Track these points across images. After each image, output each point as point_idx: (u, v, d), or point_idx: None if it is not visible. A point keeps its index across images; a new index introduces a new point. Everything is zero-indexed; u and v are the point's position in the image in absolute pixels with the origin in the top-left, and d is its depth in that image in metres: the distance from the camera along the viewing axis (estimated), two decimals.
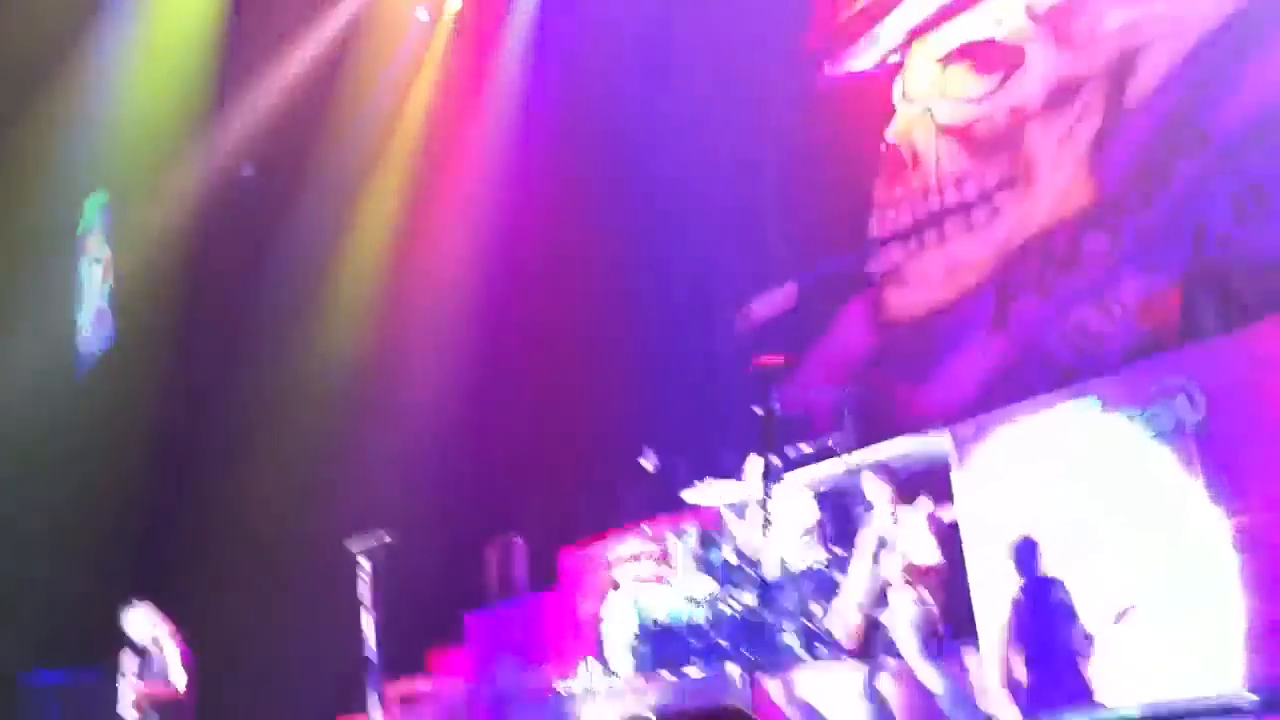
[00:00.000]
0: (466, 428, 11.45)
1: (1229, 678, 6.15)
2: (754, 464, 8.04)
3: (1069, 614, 6.88)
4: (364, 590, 8.46)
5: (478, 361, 11.55)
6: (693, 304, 10.51)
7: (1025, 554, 7.11)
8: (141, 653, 9.03)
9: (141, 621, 9.06)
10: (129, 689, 8.86)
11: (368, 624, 8.35)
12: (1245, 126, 7.98)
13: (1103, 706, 6.70)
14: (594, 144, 11.66)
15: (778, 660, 7.66)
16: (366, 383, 12.07)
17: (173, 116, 13.23)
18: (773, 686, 7.40)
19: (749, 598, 7.74)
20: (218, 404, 12.66)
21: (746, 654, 7.42)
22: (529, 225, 11.69)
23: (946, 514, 7.42)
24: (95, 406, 13.18)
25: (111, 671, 9.02)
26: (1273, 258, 7.62)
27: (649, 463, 8.61)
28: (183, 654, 8.99)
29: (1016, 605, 7.15)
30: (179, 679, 8.90)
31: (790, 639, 7.77)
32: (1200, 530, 6.32)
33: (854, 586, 7.17)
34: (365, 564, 8.44)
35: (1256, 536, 6.11)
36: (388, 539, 8.48)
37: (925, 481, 7.49)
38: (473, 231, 12.05)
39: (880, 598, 6.98)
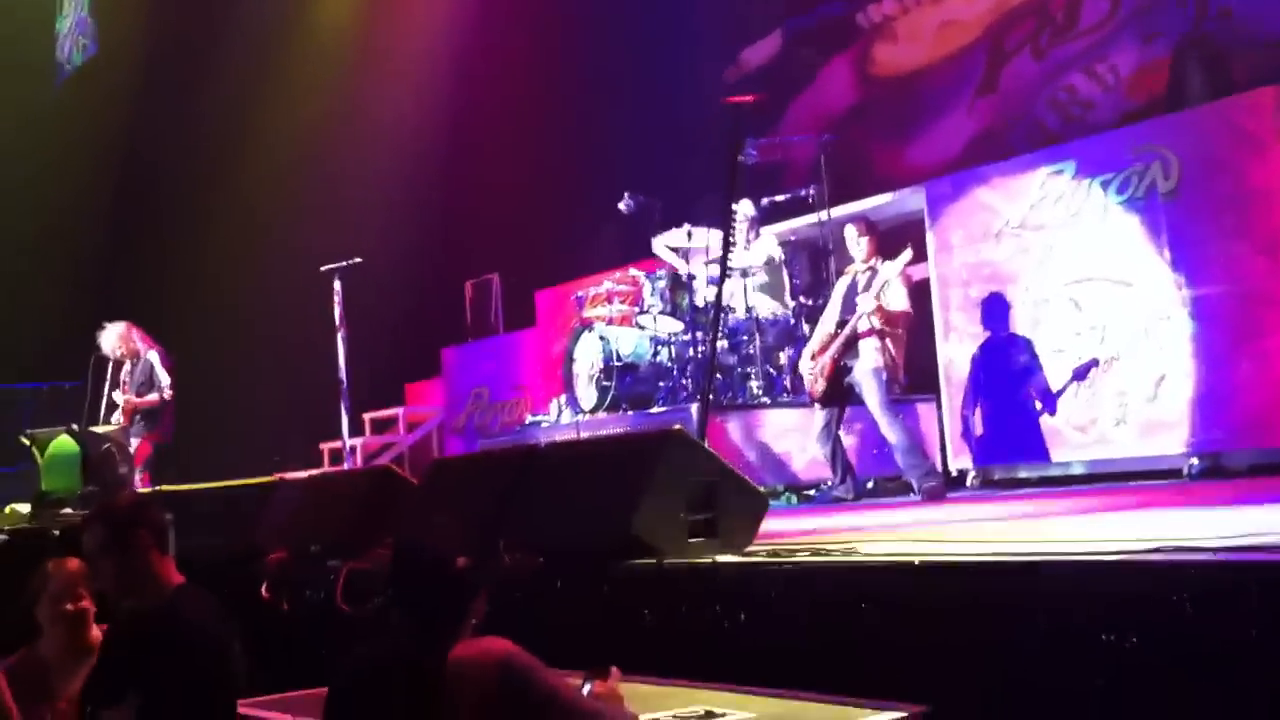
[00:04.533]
0: (447, 167, 11.35)
1: (1174, 441, 6.40)
2: (733, 212, 8.04)
3: (1030, 370, 7.08)
4: (337, 311, 8.56)
5: (458, 104, 11.36)
6: (681, 49, 10.28)
7: (993, 311, 7.28)
8: (119, 366, 9.21)
9: (118, 338, 9.19)
10: (116, 398, 9.08)
11: (340, 345, 8.48)
12: None
13: (1052, 461, 6.97)
14: None
15: (740, 401, 7.85)
16: (347, 117, 11.88)
17: None
18: (732, 426, 7.59)
19: (716, 340, 7.83)
20: (195, 124, 12.47)
21: (710, 394, 7.56)
22: None
23: (919, 270, 7.50)
24: (72, 119, 12.97)
25: (94, 383, 9.19)
26: (1269, 33, 7.51)
27: (626, 206, 8.58)
28: (165, 363, 9.17)
29: (980, 360, 7.35)
30: (164, 387, 9.12)
31: (754, 382, 7.95)
32: (1160, 297, 6.45)
33: (823, 332, 7.28)
34: (338, 285, 8.52)
35: (1211, 308, 6.25)
36: (359, 261, 8.54)
37: (901, 237, 7.54)
38: None
39: (847, 347, 7.10)
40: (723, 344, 7.97)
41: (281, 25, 12.38)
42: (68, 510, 7.68)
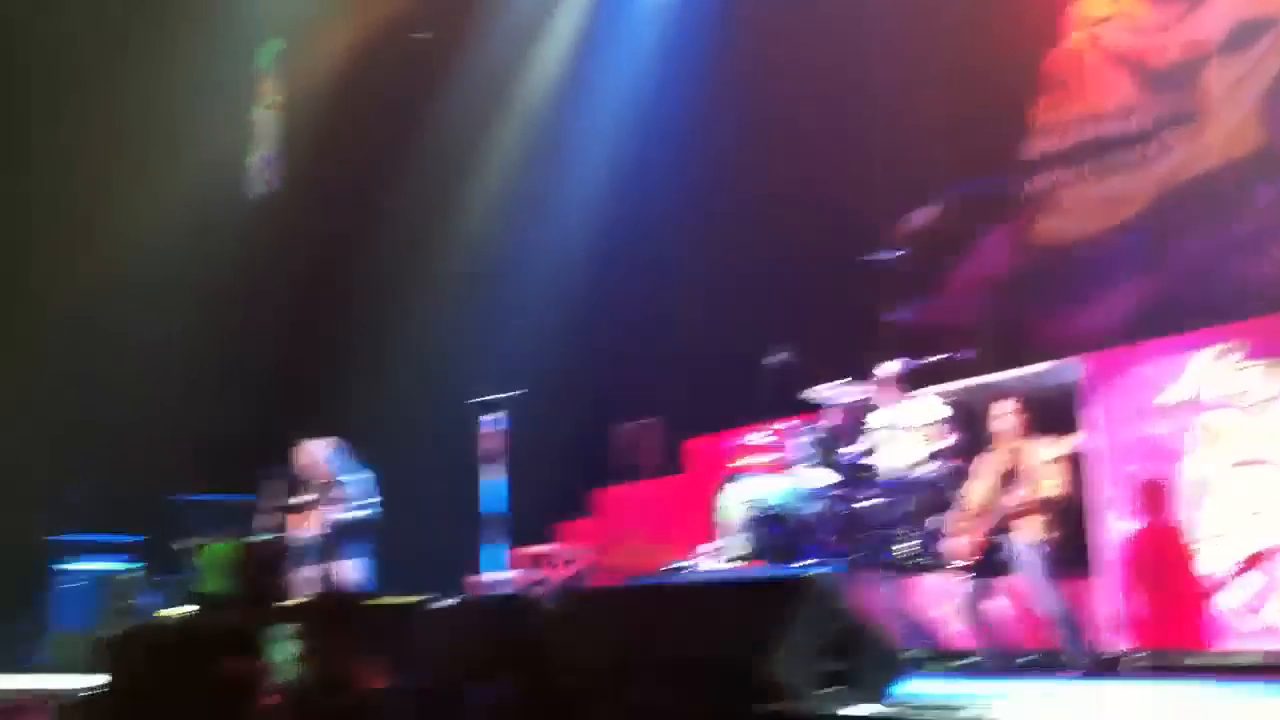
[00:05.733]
0: (605, 308, 11.69)
1: None
2: (886, 369, 8.14)
3: (1187, 556, 6.92)
4: (494, 444, 8.72)
5: (622, 248, 11.74)
6: (846, 211, 10.46)
7: (1150, 493, 7.17)
8: (298, 484, 9.33)
9: (316, 454, 9.33)
10: (303, 513, 9.13)
11: (495, 477, 8.61)
12: None
13: (1219, 650, 6.76)
14: (758, 36, 11.51)
15: (885, 563, 7.81)
16: (517, 255, 12.39)
17: None
18: (877, 588, 7.55)
19: (865, 499, 7.86)
20: (368, 257, 13.11)
21: (854, 553, 7.58)
22: (680, 123, 11.68)
23: (1073, 444, 7.44)
24: (254, 247, 13.70)
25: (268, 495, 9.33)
26: None
27: (782, 359, 8.69)
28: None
29: (1139, 539, 7.21)
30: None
31: (901, 545, 7.91)
32: None
33: (976, 501, 7.25)
34: (497, 417, 8.69)
35: None
36: (522, 392, 8.70)
37: (1055, 409, 7.51)
38: (624, 116, 12.14)
39: (999, 519, 7.05)
40: (873, 502, 8.01)
41: (458, 165, 13.03)
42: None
